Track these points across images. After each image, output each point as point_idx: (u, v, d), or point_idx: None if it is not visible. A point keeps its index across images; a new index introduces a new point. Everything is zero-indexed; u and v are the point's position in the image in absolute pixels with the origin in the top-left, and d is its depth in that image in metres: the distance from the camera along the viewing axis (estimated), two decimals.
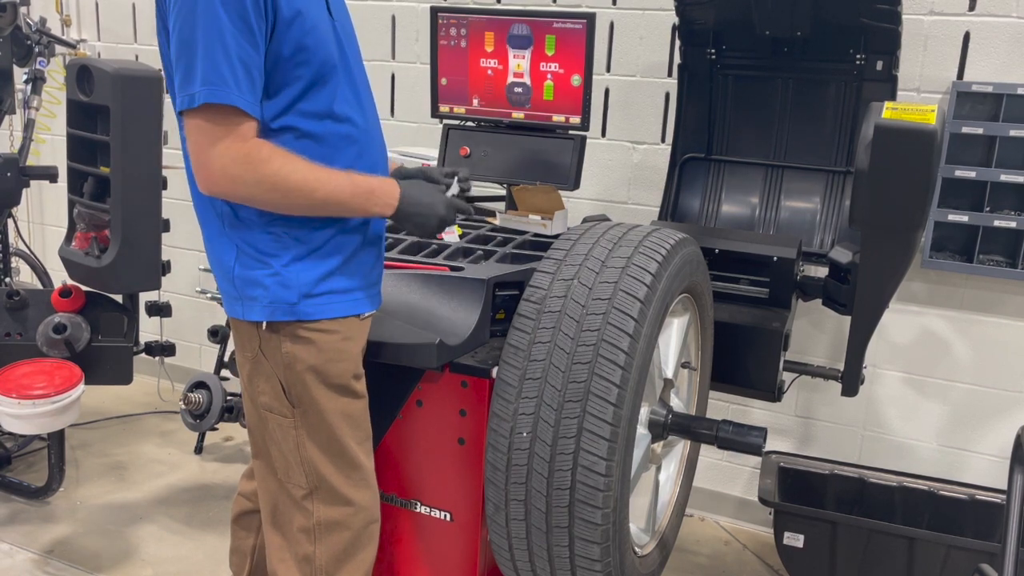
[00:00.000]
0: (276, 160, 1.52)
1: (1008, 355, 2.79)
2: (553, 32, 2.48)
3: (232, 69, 1.45)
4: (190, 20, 1.45)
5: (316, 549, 1.75)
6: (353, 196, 1.61)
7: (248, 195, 1.53)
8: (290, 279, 1.62)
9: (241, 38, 1.45)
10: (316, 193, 1.55)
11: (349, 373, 1.72)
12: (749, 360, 2.36)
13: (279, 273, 1.62)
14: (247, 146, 1.49)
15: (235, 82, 1.46)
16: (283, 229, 1.61)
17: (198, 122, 1.49)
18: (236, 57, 1.45)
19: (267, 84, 1.54)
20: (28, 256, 3.76)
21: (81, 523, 3.03)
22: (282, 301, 1.63)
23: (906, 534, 2.49)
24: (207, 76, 1.45)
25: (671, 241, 1.89)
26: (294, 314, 1.63)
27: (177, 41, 1.48)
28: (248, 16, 1.45)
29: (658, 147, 3.12)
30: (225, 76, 1.45)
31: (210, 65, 1.45)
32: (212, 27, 1.44)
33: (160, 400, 3.95)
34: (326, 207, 1.58)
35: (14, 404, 2.59)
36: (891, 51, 2.46)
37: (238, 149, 1.49)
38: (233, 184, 1.51)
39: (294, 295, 1.63)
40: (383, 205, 1.66)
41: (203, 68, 1.45)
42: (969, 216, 2.67)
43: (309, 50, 1.55)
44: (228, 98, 1.46)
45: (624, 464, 1.72)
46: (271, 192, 1.52)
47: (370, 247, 1.75)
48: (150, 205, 2.70)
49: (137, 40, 4.01)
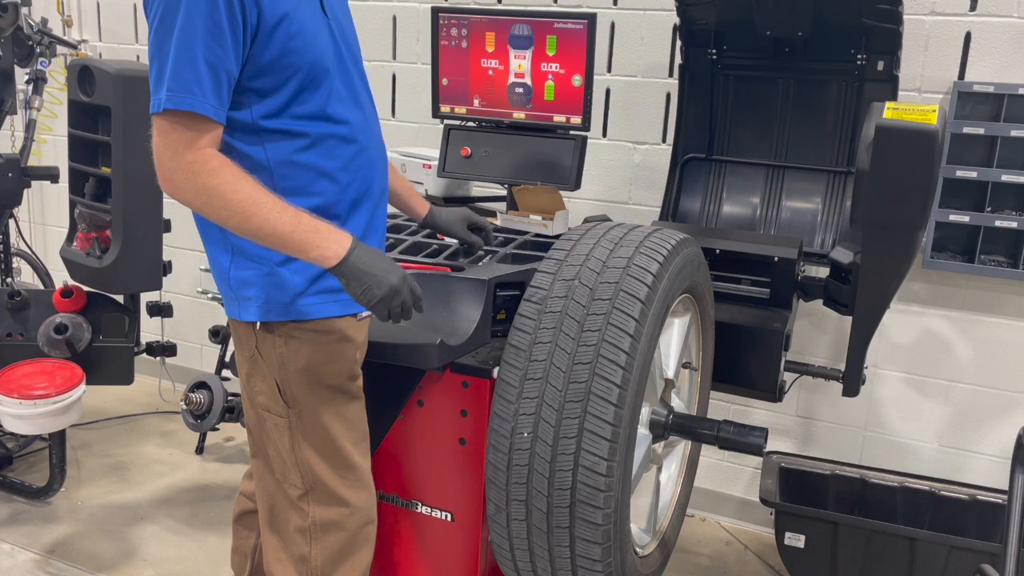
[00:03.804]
0: (222, 174, 1.48)
1: (1009, 355, 2.79)
2: (554, 32, 2.48)
3: (198, 75, 1.45)
4: (164, 24, 1.45)
5: (312, 549, 1.75)
6: (293, 232, 1.50)
7: (189, 203, 1.51)
8: (284, 279, 1.62)
9: (212, 41, 1.45)
10: (252, 218, 1.48)
11: (344, 374, 1.71)
12: (750, 360, 2.36)
13: (273, 273, 1.62)
14: (196, 155, 1.47)
15: (199, 88, 1.45)
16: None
17: (161, 125, 1.48)
18: (204, 61, 1.45)
19: (257, 87, 1.54)
20: (29, 256, 3.77)
21: (82, 523, 3.03)
22: (276, 301, 1.62)
23: (907, 535, 2.49)
24: (171, 82, 1.45)
25: (672, 241, 1.89)
26: (288, 314, 1.63)
27: (151, 44, 1.48)
28: (221, 20, 1.44)
29: (659, 147, 3.12)
30: (189, 83, 1.44)
31: (176, 71, 1.44)
32: (184, 32, 1.44)
33: (161, 400, 3.96)
34: (259, 233, 1.50)
35: (15, 404, 2.59)
36: (892, 51, 2.46)
37: (186, 157, 1.47)
38: (175, 190, 1.49)
39: (288, 295, 1.63)
40: (326, 250, 1.52)
41: (171, 73, 1.45)
42: (970, 216, 2.67)
43: (297, 53, 1.54)
44: (191, 105, 1.45)
45: (625, 464, 1.72)
46: (208, 206, 1.49)
47: None
48: (151, 205, 2.71)
49: (138, 41, 4.01)
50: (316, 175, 1.62)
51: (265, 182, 1.56)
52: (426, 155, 2.86)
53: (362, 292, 1.55)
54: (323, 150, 1.62)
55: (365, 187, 1.71)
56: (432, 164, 2.78)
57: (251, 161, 1.57)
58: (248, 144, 1.57)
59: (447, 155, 2.71)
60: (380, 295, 1.55)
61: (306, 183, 1.61)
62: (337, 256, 1.53)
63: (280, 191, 1.57)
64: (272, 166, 1.58)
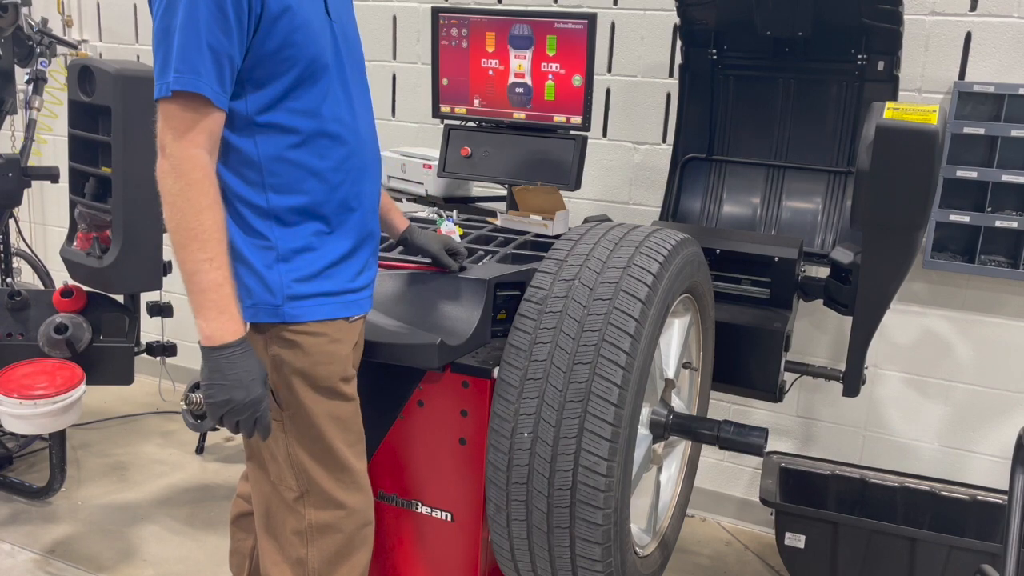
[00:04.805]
0: (199, 189, 1.48)
1: (1010, 355, 2.78)
2: (554, 32, 2.48)
3: (203, 59, 1.46)
4: (170, 10, 1.46)
5: (309, 552, 1.74)
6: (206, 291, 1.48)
7: (161, 191, 1.50)
8: (272, 281, 1.61)
9: (217, 28, 1.46)
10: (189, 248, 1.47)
11: (337, 376, 1.70)
12: (750, 360, 2.36)
13: (261, 275, 1.61)
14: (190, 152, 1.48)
15: (205, 71, 1.47)
16: (266, 230, 1.60)
17: (167, 109, 1.48)
18: (208, 47, 1.46)
19: (255, 77, 1.54)
20: (29, 256, 3.77)
21: (82, 523, 3.03)
22: (265, 303, 1.61)
23: (907, 535, 2.49)
24: (179, 64, 1.46)
25: (672, 241, 1.89)
26: (278, 316, 1.62)
27: (156, 31, 1.49)
28: (226, 7, 1.46)
29: (659, 147, 3.12)
30: (196, 65, 1.46)
31: (183, 54, 1.45)
32: (189, 18, 1.45)
33: (161, 400, 3.96)
34: (183, 263, 1.49)
35: (15, 404, 2.59)
36: (892, 51, 2.46)
37: (181, 145, 1.47)
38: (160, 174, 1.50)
39: (277, 297, 1.61)
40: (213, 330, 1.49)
41: (177, 56, 1.46)
42: (971, 216, 2.67)
43: (297, 46, 1.55)
44: (196, 86, 1.46)
45: (625, 464, 1.72)
46: (170, 206, 1.49)
47: (360, 250, 1.73)
48: (151, 205, 2.70)
49: (138, 40, 4.01)
50: (305, 174, 1.61)
51: (254, 177, 1.57)
52: (426, 155, 2.86)
53: (207, 385, 1.52)
54: (314, 149, 1.61)
55: (355, 191, 1.69)
56: (432, 164, 2.78)
57: (241, 155, 1.57)
58: (240, 137, 1.57)
59: (447, 155, 2.71)
60: (219, 399, 1.52)
61: (294, 181, 1.61)
62: (214, 341, 1.50)
63: (268, 187, 1.58)
64: (262, 161, 1.58)
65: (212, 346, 1.51)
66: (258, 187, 1.59)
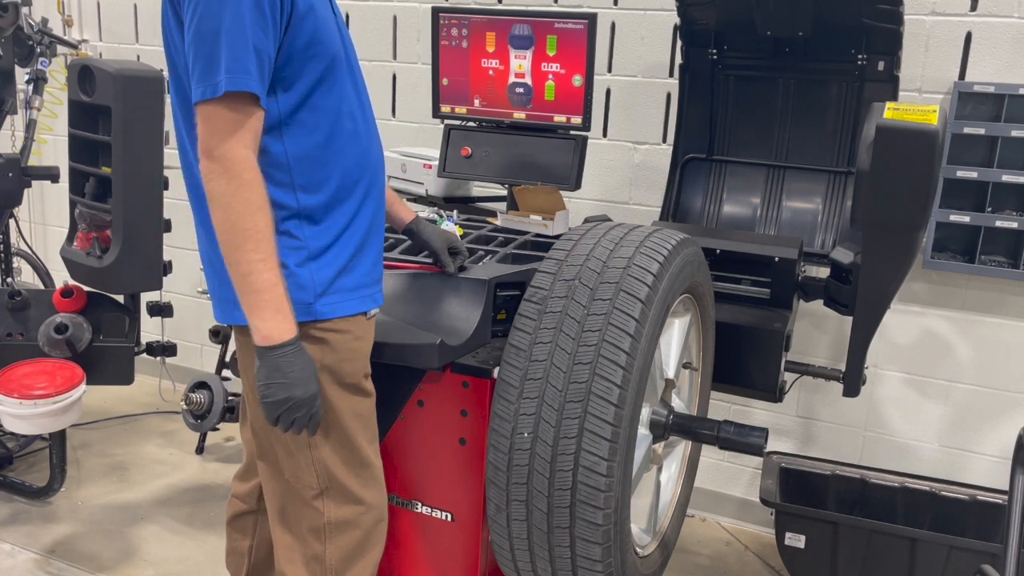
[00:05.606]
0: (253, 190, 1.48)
1: (1010, 356, 2.78)
2: (554, 32, 2.48)
3: (250, 58, 1.46)
4: (211, 10, 1.44)
5: (327, 549, 1.74)
6: (260, 291, 1.49)
7: (211, 194, 1.49)
8: (304, 279, 1.60)
9: (257, 27, 1.46)
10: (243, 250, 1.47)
11: (361, 372, 1.72)
12: (750, 360, 2.36)
13: (294, 274, 1.60)
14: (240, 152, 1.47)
15: (255, 71, 1.46)
16: (296, 230, 1.60)
17: (209, 111, 1.47)
18: (252, 45, 1.45)
19: (284, 76, 1.54)
20: (30, 256, 3.77)
21: (82, 523, 3.03)
22: (299, 302, 1.59)
23: (908, 535, 2.49)
24: (230, 63, 1.44)
25: (672, 241, 1.89)
26: (311, 314, 1.61)
27: (195, 32, 1.47)
28: (263, 5, 1.46)
29: (659, 147, 3.12)
30: (247, 64, 1.45)
31: (233, 53, 1.44)
32: (234, 17, 1.44)
33: (161, 400, 3.95)
34: (235, 265, 1.49)
35: (16, 404, 2.59)
36: (893, 51, 2.46)
37: (228, 144, 1.46)
38: (207, 173, 1.48)
39: (310, 295, 1.61)
40: (271, 329, 1.50)
41: (227, 56, 1.44)
42: (971, 216, 2.67)
43: (322, 43, 1.56)
44: (247, 84, 1.46)
45: (625, 464, 1.72)
46: (218, 209, 1.48)
47: (372, 243, 1.74)
48: (151, 205, 2.70)
49: (139, 40, 4.01)
50: (330, 171, 1.62)
51: (283, 179, 1.57)
52: (426, 155, 2.86)
53: (265, 385, 1.53)
54: (336, 145, 1.62)
55: (370, 184, 1.71)
56: (432, 164, 2.78)
57: (269, 157, 1.56)
58: (270, 139, 1.56)
59: (447, 155, 2.71)
60: (279, 397, 1.53)
61: (321, 179, 1.61)
62: (272, 340, 1.51)
63: (298, 187, 1.58)
64: (291, 162, 1.58)
65: (270, 345, 1.51)
66: (287, 188, 1.58)
